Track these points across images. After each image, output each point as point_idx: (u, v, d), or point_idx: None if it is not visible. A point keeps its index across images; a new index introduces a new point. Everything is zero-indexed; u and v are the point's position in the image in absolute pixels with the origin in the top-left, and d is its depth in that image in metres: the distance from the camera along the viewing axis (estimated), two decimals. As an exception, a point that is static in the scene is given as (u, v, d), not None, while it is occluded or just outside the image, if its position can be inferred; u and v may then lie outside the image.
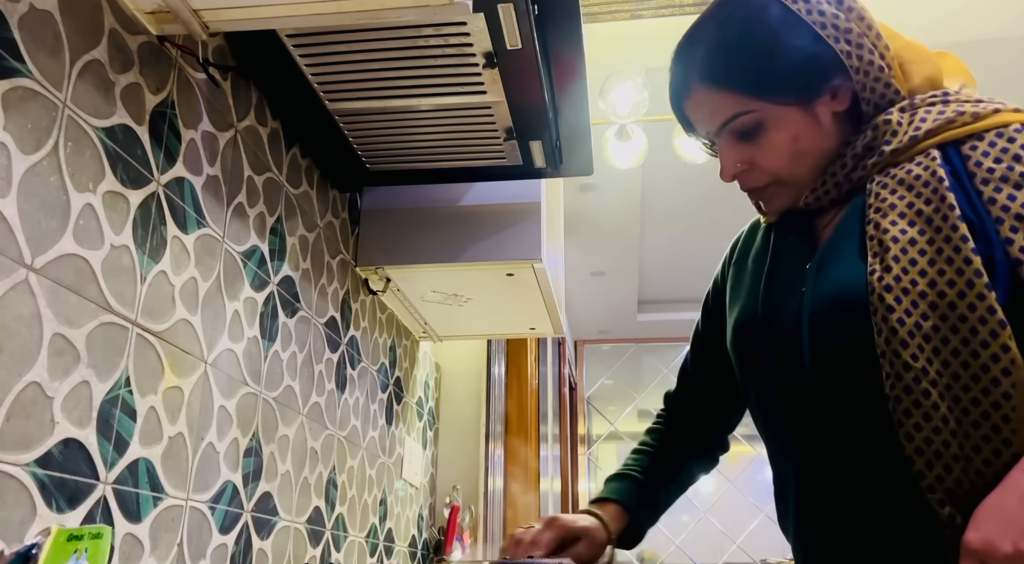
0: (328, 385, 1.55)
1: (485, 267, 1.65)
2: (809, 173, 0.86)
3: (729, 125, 0.86)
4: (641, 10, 2.62)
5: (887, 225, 0.76)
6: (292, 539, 1.37)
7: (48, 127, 0.82)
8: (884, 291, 0.73)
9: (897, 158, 0.80)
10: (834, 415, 0.80)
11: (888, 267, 0.74)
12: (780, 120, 0.83)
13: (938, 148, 0.79)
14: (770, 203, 0.90)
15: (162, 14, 0.95)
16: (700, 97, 0.87)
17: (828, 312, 0.79)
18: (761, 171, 0.87)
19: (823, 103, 0.83)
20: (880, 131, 0.81)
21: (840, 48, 0.81)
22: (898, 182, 0.79)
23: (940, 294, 0.71)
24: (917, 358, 0.71)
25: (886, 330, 0.72)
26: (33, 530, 0.77)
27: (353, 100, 1.26)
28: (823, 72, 0.82)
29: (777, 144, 0.84)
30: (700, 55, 0.86)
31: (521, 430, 3.06)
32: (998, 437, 0.68)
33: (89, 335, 0.87)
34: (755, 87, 0.83)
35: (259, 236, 1.27)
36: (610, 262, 4.54)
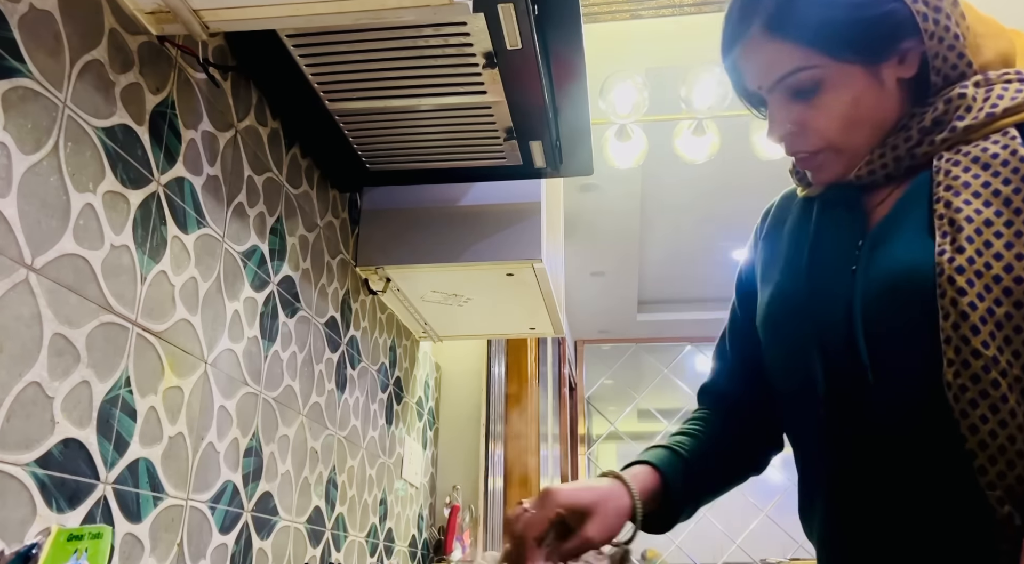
0: (328, 385, 1.55)
1: (485, 267, 1.65)
2: (865, 142, 0.79)
3: (787, 80, 0.79)
4: (641, 10, 2.61)
5: (960, 203, 0.71)
6: (292, 539, 1.37)
7: (48, 127, 0.82)
8: (955, 273, 0.68)
9: (970, 136, 0.75)
10: (887, 402, 0.74)
11: (961, 248, 0.69)
12: (842, 80, 0.77)
13: (1016, 128, 0.74)
14: (819, 172, 0.83)
15: (162, 14, 0.95)
16: (759, 46, 0.80)
17: (885, 292, 0.74)
18: (814, 134, 0.80)
19: (890, 66, 0.77)
20: (953, 105, 0.76)
21: (917, 8, 0.76)
22: (972, 160, 0.73)
23: (1017, 280, 0.67)
24: (988, 345, 0.66)
25: (955, 314, 0.67)
26: (33, 530, 0.78)
27: (353, 100, 1.26)
28: (896, 31, 0.76)
29: (835, 106, 0.78)
30: (777, 7, 0.79)
31: (521, 430, 3.06)
32: None
33: (89, 335, 0.87)
34: (822, 41, 0.77)
35: (259, 236, 1.27)
36: (610, 262, 4.54)
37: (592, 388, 6.31)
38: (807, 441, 0.85)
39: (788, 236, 0.88)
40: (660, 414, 5.94)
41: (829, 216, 0.84)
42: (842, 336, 0.76)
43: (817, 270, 0.81)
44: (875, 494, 0.76)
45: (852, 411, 0.77)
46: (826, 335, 0.78)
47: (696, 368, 5.93)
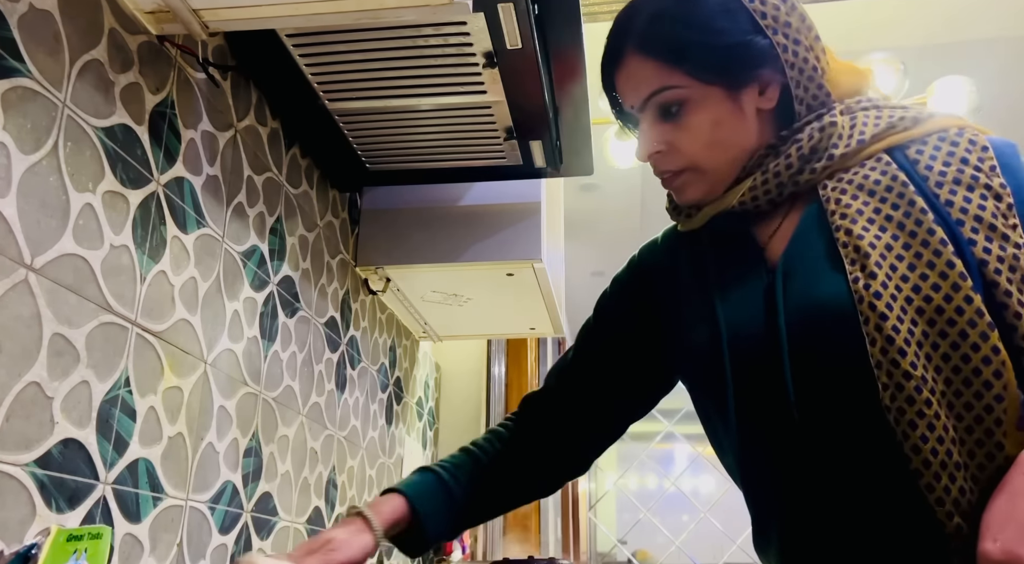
0: (328, 385, 1.55)
1: (485, 267, 1.65)
2: (728, 165, 0.82)
3: (654, 98, 0.82)
4: (641, 10, 2.61)
5: (860, 231, 0.74)
6: (292, 539, 1.37)
7: (48, 127, 0.82)
8: (874, 298, 0.70)
9: (846, 162, 0.79)
10: (822, 434, 0.75)
11: (872, 274, 0.71)
12: (704, 101, 0.80)
13: (887, 153, 0.78)
14: (683, 192, 0.86)
15: (162, 14, 0.95)
16: (631, 66, 0.84)
17: (809, 326, 0.75)
18: (679, 154, 0.83)
19: (750, 95, 0.81)
20: (827, 133, 0.79)
21: (777, 40, 0.79)
22: (857, 187, 0.77)
23: (926, 299, 0.70)
24: (916, 366, 0.68)
25: (881, 340, 0.69)
26: (33, 530, 0.77)
27: (353, 100, 1.25)
28: (755, 59, 0.80)
29: (698, 126, 0.81)
30: (639, 22, 0.83)
31: (521, 430, 3.06)
32: (991, 441, 0.67)
33: (89, 335, 0.87)
34: (685, 61, 0.80)
35: (259, 236, 1.27)
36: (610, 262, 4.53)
37: (592, 388, 6.29)
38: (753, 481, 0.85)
39: (687, 278, 0.89)
40: (660, 414, 5.94)
41: (725, 253, 0.85)
42: (765, 375, 0.77)
43: (730, 311, 0.81)
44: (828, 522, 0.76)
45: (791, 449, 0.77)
46: (751, 377, 0.79)
47: (696, 368, 5.92)
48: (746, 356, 0.79)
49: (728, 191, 0.83)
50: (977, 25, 2.79)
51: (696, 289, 0.87)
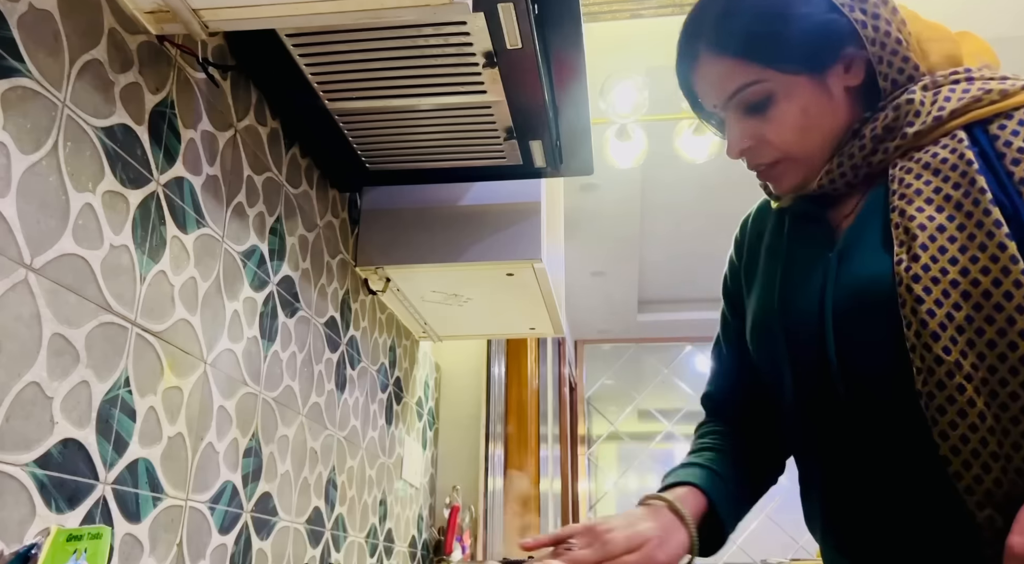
0: (328, 385, 1.55)
1: (485, 267, 1.65)
2: (820, 150, 0.81)
3: (737, 96, 0.81)
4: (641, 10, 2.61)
5: (913, 211, 0.73)
6: (292, 539, 1.37)
7: (47, 127, 0.82)
8: (912, 281, 0.69)
9: (921, 141, 0.77)
10: (863, 415, 0.75)
11: (916, 256, 0.70)
12: (790, 91, 0.79)
13: (964, 129, 0.75)
14: (779, 182, 0.85)
15: (162, 13, 0.95)
16: (708, 67, 0.83)
17: (853, 306, 0.75)
18: (770, 146, 0.82)
19: (835, 74, 0.80)
20: (902, 111, 0.77)
21: (855, 17, 0.78)
22: (923, 166, 0.75)
23: (973, 282, 0.68)
24: (950, 351, 0.67)
25: (915, 322, 0.68)
26: (32, 530, 0.77)
27: (353, 100, 1.25)
28: (836, 40, 0.78)
29: (787, 116, 0.80)
30: (709, 22, 0.83)
31: (521, 430, 3.06)
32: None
33: (88, 335, 0.87)
34: (765, 54, 0.79)
35: (259, 236, 1.27)
36: (610, 262, 4.54)
37: (592, 388, 6.31)
38: (800, 449, 0.86)
39: (765, 251, 0.90)
40: (660, 414, 5.94)
41: (799, 231, 0.86)
42: (814, 350, 0.78)
43: (790, 287, 0.82)
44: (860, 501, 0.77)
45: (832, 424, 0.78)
46: (800, 352, 0.80)
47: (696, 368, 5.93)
48: (796, 330, 0.80)
49: None
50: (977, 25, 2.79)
51: (769, 264, 0.88)
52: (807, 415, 0.81)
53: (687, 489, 0.86)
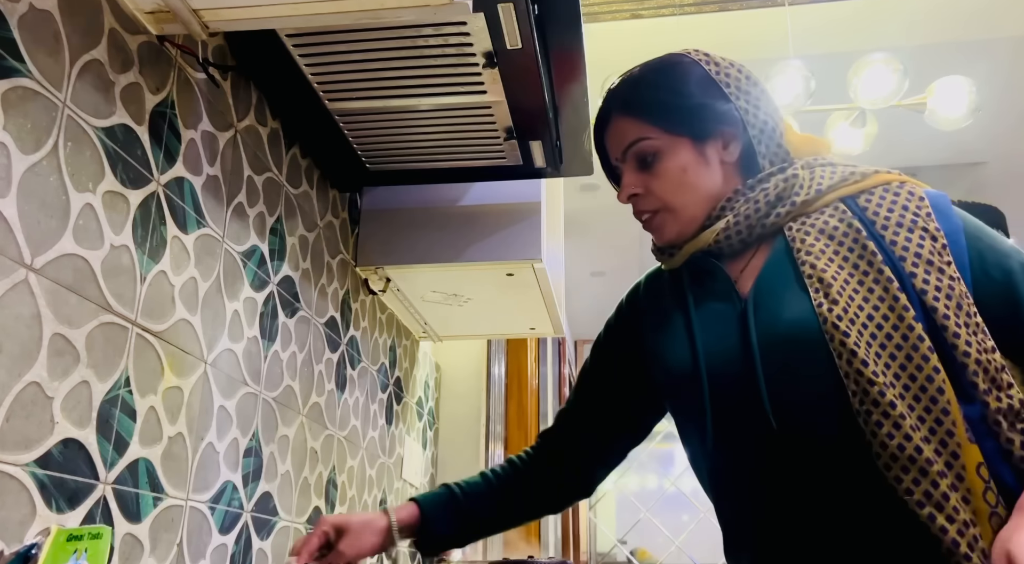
0: (328, 385, 1.55)
1: (485, 267, 1.65)
2: (696, 207, 0.95)
3: (632, 148, 0.97)
4: (641, 10, 2.61)
5: (822, 265, 0.86)
6: (292, 539, 1.37)
7: (48, 127, 0.82)
8: (836, 320, 0.81)
9: (807, 208, 0.92)
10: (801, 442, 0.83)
11: (835, 300, 0.82)
12: (674, 150, 0.95)
13: (842, 202, 0.91)
14: (661, 231, 0.99)
15: (162, 14, 0.95)
16: (614, 125, 0.99)
17: (783, 344, 0.85)
18: (653, 197, 0.97)
19: (713, 147, 0.95)
20: (790, 183, 0.93)
21: (739, 104, 0.95)
22: (818, 231, 0.89)
23: (878, 326, 0.81)
24: (878, 375, 0.78)
25: (846, 353, 0.80)
26: (33, 530, 0.77)
27: (353, 100, 1.25)
28: (717, 117, 0.95)
29: (669, 172, 0.95)
30: (622, 90, 1.00)
31: (521, 430, 3.06)
32: (948, 449, 0.76)
33: (89, 335, 0.87)
34: (659, 117, 0.95)
35: (259, 236, 1.27)
36: (610, 262, 4.54)
37: (592, 388, 6.29)
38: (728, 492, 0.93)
39: (666, 311, 1.00)
40: (660, 414, 5.93)
41: (701, 286, 0.97)
42: (741, 391, 0.86)
43: (706, 336, 0.92)
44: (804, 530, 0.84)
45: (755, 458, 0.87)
46: (722, 392, 0.89)
47: (696, 368, 5.92)
48: (721, 375, 0.89)
49: (703, 231, 0.95)
50: (977, 25, 2.79)
51: (676, 319, 0.98)
52: (732, 453, 0.89)
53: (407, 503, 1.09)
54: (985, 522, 0.75)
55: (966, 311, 0.81)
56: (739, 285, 0.93)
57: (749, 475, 0.89)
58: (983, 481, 0.75)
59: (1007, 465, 0.77)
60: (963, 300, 0.81)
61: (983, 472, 0.75)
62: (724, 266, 0.95)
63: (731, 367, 0.88)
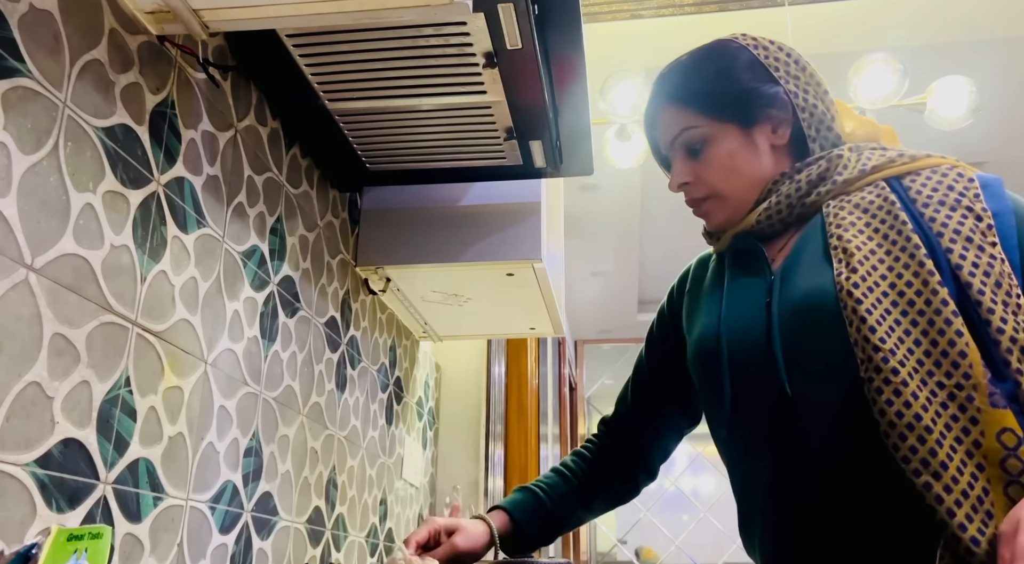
0: (328, 385, 1.55)
1: (485, 267, 1.65)
2: (745, 192, 0.97)
3: (680, 137, 0.99)
4: (641, 10, 2.61)
5: (849, 237, 0.87)
6: (292, 539, 1.37)
7: (48, 127, 0.82)
8: (852, 288, 0.82)
9: (848, 187, 0.93)
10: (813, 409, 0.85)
11: (854, 269, 0.83)
12: (721, 137, 0.96)
13: (884, 181, 0.91)
14: (709, 218, 1.01)
15: (162, 14, 0.95)
16: (664, 115, 1.01)
17: (799, 312, 0.87)
18: (702, 184, 0.98)
19: (762, 131, 0.96)
20: (833, 163, 0.94)
21: (788, 88, 0.96)
22: (854, 206, 0.90)
23: (900, 293, 0.81)
24: (885, 341, 0.78)
25: (856, 320, 0.80)
26: (33, 530, 0.77)
27: (353, 100, 1.26)
28: (764, 101, 0.95)
29: (716, 159, 0.97)
30: (668, 81, 1.01)
31: (521, 430, 3.06)
32: (966, 414, 0.75)
33: (89, 335, 0.87)
34: (705, 105, 0.97)
35: (259, 236, 1.27)
36: (610, 262, 4.54)
37: (592, 388, 6.31)
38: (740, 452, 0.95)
39: (707, 289, 1.04)
40: (660, 414, 5.93)
41: (739, 264, 0.99)
42: (760, 359, 0.89)
43: (733, 308, 0.95)
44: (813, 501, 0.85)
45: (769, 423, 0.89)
46: (741, 360, 0.91)
47: (696, 368, 5.92)
48: (741, 342, 0.92)
49: (749, 214, 0.97)
50: (978, 25, 2.79)
51: (713, 295, 1.01)
52: (747, 419, 0.92)
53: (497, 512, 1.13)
54: (999, 489, 0.72)
55: (1006, 290, 0.79)
56: (775, 263, 0.95)
57: (761, 442, 0.90)
58: (1004, 448, 0.73)
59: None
60: (1004, 279, 0.80)
61: (1006, 439, 0.73)
62: (765, 246, 0.97)
63: (751, 334, 0.91)
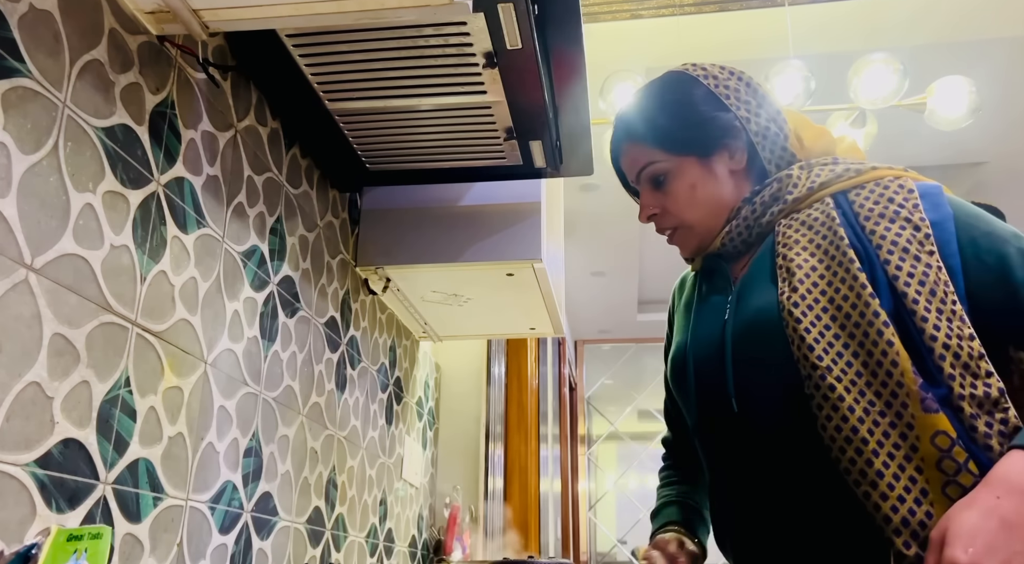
0: (328, 385, 1.55)
1: (485, 267, 1.65)
2: (710, 219, 1.01)
3: (643, 172, 1.04)
4: (641, 10, 2.61)
5: (792, 255, 0.91)
6: (292, 539, 1.37)
7: (48, 127, 0.82)
8: (792, 307, 0.86)
9: (799, 205, 0.96)
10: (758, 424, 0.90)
11: (794, 288, 0.88)
12: (682, 171, 1.01)
13: (831, 196, 0.95)
14: (682, 246, 1.06)
15: (162, 14, 0.95)
16: (625, 151, 1.06)
17: (747, 331, 0.92)
18: (669, 215, 1.03)
19: (720, 159, 1.01)
20: (784, 183, 0.98)
21: (740, 114, 1.00)
22: (800, 223, 0.94)
23: (838, 307, 0.85)
24: (822, 359, 0.83)
25: (796, 338, 0.85)
26: (33, 530, 0.77)
27: (353, 100, 1.25)
28: (719, 131, 1.00)
29: (679, 191, 1.01)
30: (628, 119, 1.06)
31: (521, 430, 3.06)
32: (903, 420, 0.78)
33: (89, 335, 0.87)
34: (664, 142, 1.01)
35: (259, 236, 1.27)
36: (610, 262, 4.54)
37: (592, 388, 6.31)
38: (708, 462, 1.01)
39: (684, 307, 1.09)
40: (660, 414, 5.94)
41: (708, 283, 1.04)
42: (715, 373, 0.94)
43: (699, 326, 1.01)
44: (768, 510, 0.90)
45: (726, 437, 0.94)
46: (702, 375, 0.97)
47: (696, 368, 5.92)
48: (704, 360, 0.97)
49: (715, 238, 1.02)
50: (977, 25, 2.79)
51: (686, 314, 1.07)
52: (710, 436, 0.98)
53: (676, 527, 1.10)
54: (938, 491, 0.75)
55: (940, 297, 0.82)
56: (736, 281, 1.00)
57: (719, 459, 0.97)
58: (939, 450, 0.76)
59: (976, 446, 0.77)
60: (939, 287, 0.82)
61: (940, 441, 0.76)
62: (730, 266, 1.02)
63: (711, 352, 0.96)
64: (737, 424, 0.92)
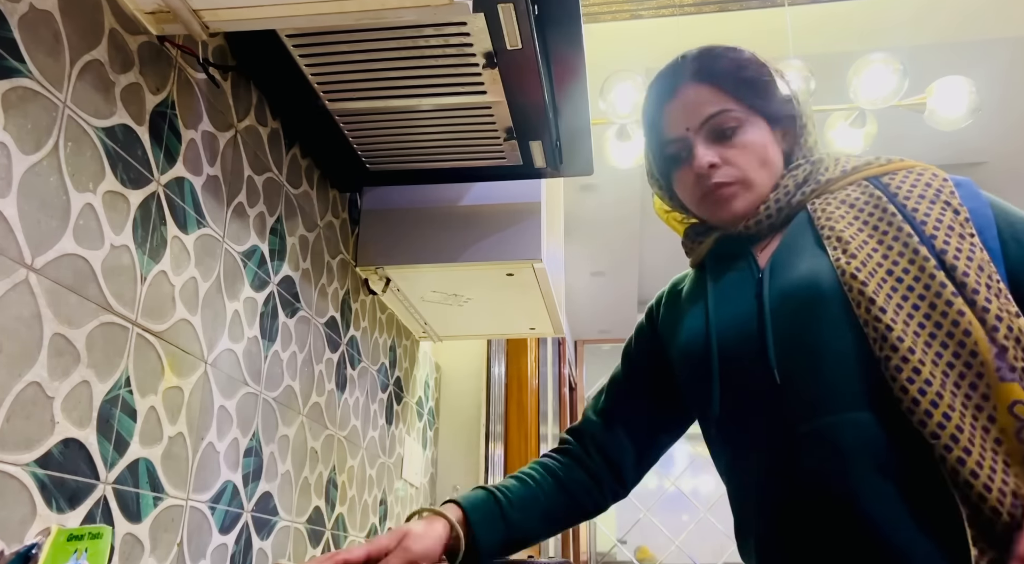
0: (328, 385, 1.55)
1: (485, 267, 1.65)
2: (767, 184, 0.97)
3: (712, 120, 0.96)
4: (641, 10, 2.62)
5: (841, 227, 0.89)
6: (292, 539, 1.37)
7: (48, 127, 0.82)
8: (855, 270, 0.83)
9: (831, 187, 0.96)
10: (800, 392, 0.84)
11: (852, 254, 0.85)
12: (756, 126, 0.97)
13: (866, 180, 0.94)
14: (730, 201, 0.97)
15: (162, 14, 0.95)
16: (689, 94, 0.98)
17: (792, 298, 0.87)
18: (733, 168, 0.97)
19: (777, 134, 1.00)
20: (816, 166, 0.98)
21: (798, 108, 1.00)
22: (840, 202, 0.93)
23: (898, 279, 0.83)
24: (896, 321, 0.80)
25: (864, 301, 0.81)
26: (33, 530, 0.78)
27: (353, 100, 1.26)
28: (787, 112, 0.99)
29: (752, 145, 0.97)
30: (694, 60, 0.99)
31: (521, 430, 3.06)
32: (978, 391, 0.76)
33: (89, 335, 0.87)
34: (743, 91, 0.97)
35: (259, 236, 1.27)
36: (610, 262, 4.54)
37: (592, 388, 6.30)
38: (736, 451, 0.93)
39: (687, 299, 1.03)
40: (660, 414, 5.92)
41: (724, 269, 0.99)
42: (752, 350, 0.89)
43: (721, 306, 0.95)
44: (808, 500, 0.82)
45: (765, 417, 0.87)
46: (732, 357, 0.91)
47: (696, 368, 5.92)
48: (731, 338, 0.91)
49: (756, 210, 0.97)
50: (977, 25, 2.79)
51: (696, 301, 1.00)
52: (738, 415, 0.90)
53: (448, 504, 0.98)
54: (1018, 461, 0.73)
55: (988, 274, 0.81)
56: (760, 260, 0.96)
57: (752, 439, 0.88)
58: (1017, 419, 0.73)
59: None
60: (985, 265, 0.82)
61: (1018, 410, 0.74)
62: (749, 248, 0.98)
63: (743, 328, 0.91)
64: (777, 399, 0.85)
